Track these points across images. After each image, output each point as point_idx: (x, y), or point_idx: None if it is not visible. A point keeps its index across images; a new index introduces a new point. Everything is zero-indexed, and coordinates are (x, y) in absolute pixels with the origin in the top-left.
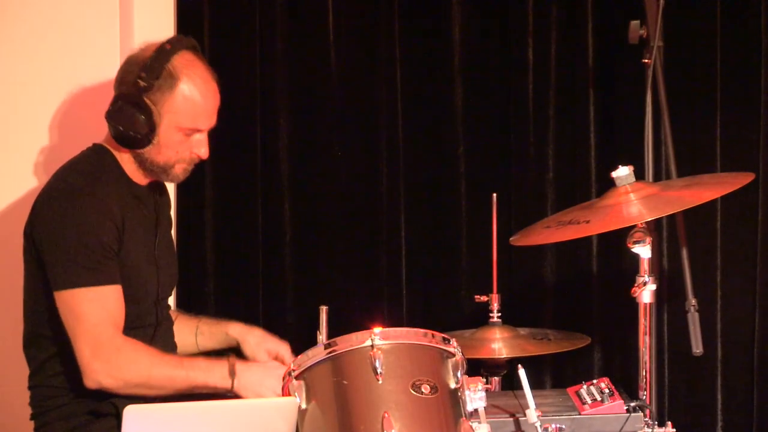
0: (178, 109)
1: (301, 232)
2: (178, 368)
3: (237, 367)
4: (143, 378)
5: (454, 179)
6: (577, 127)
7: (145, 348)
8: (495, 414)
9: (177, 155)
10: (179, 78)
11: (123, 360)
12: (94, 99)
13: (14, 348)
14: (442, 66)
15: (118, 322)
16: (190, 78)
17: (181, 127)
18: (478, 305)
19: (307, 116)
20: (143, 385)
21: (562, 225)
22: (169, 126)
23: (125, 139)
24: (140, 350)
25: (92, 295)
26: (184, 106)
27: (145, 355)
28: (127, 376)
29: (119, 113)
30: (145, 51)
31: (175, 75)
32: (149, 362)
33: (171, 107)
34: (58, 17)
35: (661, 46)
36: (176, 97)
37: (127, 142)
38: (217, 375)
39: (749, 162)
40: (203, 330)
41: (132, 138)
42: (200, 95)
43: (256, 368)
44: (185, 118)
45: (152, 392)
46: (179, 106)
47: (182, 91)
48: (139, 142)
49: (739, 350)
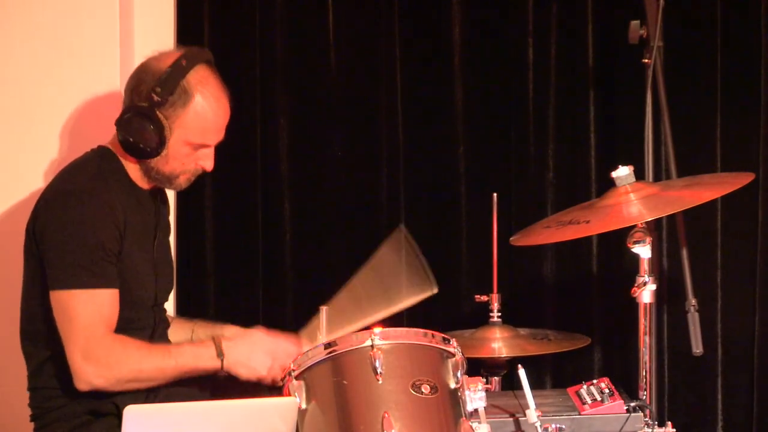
0: (189, 125)
1: (301, 232)
2: (167, 357)
3: (224, 346)
4: (134, 373)
5: (454, 179)
6: (577, 127)
7: (133, 343)
8: (495, 414)
9: (183, 167)
10: (193, 95)
11: (113, 359)
12: (94, 98)
13: (14, 348)
14: (442, 66)
15: (111, 325)
16: (203, 96)
17: (190, 141)
18: (478, 305)
19: (307, 116)
20: (134, 380)
21: (562, 225)
22: (179, 140)
23: (134, 149)
24: (129, 346)
25: (87, 297)
26: (195, 122)
27: (134, 350)
28: (118, 374)
29: (130, 124)
30: (161, 62)
31: (190, 92)
32: (138, 356)
33: (182, 123)
34: (58, 17)
35: (661, 46)
36: (188, 113)
37: (135, 152)
38: (206, 357)
39: (749, 162)
40: (199, 333)
41: (141, 149)
42: (212, 113)
43: (242, 343)
44: (195, 134)
45: (144, 385)
46: (190, 123)
47: (195, 108)
48: (147, 154)
49: (739, 350)
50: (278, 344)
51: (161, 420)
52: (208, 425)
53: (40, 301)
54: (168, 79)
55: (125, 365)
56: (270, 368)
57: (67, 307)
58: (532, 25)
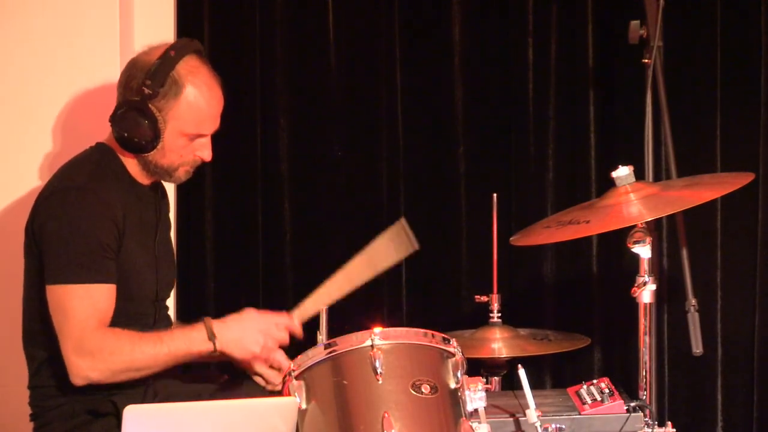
0: (183, 115)
1: (301, 232)
2: (159, 344)
3: (215, 328)
4: (127, 362)
5: (454, 179)
6: (577, 127)
7: (125, 333)
8: (495, 414)
9: (181, 159)
10: (184, 85)
11: (106, 351)
12: (94, 98)
13: (14, 348)
14: (442, 66)
15: (105, 319)
16: (194, 85)
17: (186, 132)
18: (478, 305)
19: (307, 116)
20: (128, 369)
21: (562, 225)
22: (174, 131)
23: (130, 144)
24: (121, 337)
25: (82, 292)
26: (188, 112)
27: (126, 340)
28: (112, 366)
29: (124, 119)
30: (150, 55)
31: (180, 82)
32: (131, 346)
33: (176, 114)
34: (58, 17)
35: (661, 46)
36: (181, 104)
37: (131, 147)
38: (198, 341)
39: (749, 162)
40: None
41: (137, 144)
42: (204, 102)
43: (233, 324)
44: (189, 125)
45: (140, 374)
46: (184, 113)
47: (187, 98)
48: (143, 148)
49: (739, 350)
50: (269, 320)
51: (161, 420)
52: (208, 425)
53: (39, 301)
54: (157, 71)
55: (118, 356)
56: (263, 346)
57: (63, 301)
58: (532, 25)
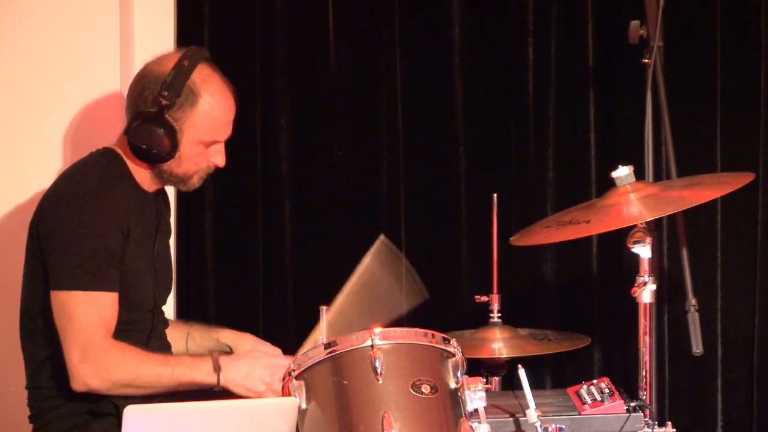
0: (199, 124)
1: (301, 232)
2: (164, 366)
3: (221, 362)
4: (130, 378)
5: (454, 179)
6: (577, 127)
7: (132, 349)
8: (495, 414)
9: (196, 166)
10: (200, 95)
11: (111, 362)
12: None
13: (14, 348)
14: (442, 66)
15: (110, 329)
16: (209, 93)
17: (202, 140)
18: (478, 305)
19: (307, 116)
20: (130, 385)
21: (562, 225)
22: (190, 140)
23: (148, 155)
24: (127, 351)
25: (87, 299)
26: (205, 121)
27: (132, 356)
28: (114, 377)
29: (142, 131)
30: (161, 66)
31: (196, 91)
32: (136, 362)
33: (192, 123)
34: (58, 18)
35: (661, 46)
36: (197, 113)
37: (149, 158)
38: (203, 371)
39: (749, 162)
40: (194, 336)
41: (155, 155)
42: (219, 109)
43: (241, 361)
44: (206, 133)
45: (140, 391)
46: (200, 122)
47: (203, 107)
48: (162, 159)
49: (739, 350)
50: (276, 361)
51: (161, 420)
52: (208, 425)
53: (40, 301)
54: (173, 82)
55: (122, 369)
56: (268, 384)
57: (68, 307)
58: (532, 25)
